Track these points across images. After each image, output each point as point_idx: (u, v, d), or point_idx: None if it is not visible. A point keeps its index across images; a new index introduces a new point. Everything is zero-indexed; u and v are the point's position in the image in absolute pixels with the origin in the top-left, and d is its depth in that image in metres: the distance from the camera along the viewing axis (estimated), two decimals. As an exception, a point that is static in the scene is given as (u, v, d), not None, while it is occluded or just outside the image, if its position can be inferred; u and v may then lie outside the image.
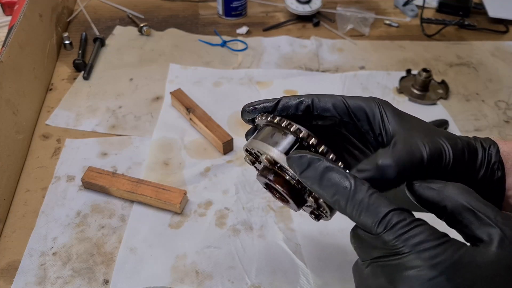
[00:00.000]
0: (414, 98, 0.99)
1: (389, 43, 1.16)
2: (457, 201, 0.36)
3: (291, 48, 1.12)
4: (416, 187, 0.38)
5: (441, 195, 0.37)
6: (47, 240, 0.70)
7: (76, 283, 0.65)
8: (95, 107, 0.94)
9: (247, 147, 0.45)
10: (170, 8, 1.26)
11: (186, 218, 0.74)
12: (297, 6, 1.20)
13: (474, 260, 0.32)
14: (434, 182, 0.38)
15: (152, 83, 1.00)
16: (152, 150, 0.85)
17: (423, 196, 0.38)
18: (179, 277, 0.67)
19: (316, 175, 0.37)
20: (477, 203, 0.35)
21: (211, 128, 0.85)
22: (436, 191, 0.37)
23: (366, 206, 0.34)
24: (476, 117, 0.96)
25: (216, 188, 0.79)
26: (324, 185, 0.37)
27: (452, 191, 0.36)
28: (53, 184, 0.78)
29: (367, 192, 0.35)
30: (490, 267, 0.32)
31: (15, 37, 0.85)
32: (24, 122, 0.84)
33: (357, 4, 1.29)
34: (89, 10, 1.21)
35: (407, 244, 0.33)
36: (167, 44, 1.12)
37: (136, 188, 0.74)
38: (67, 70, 1.03)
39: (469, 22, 1.23)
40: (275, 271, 0.67)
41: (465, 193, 0.36)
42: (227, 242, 0.71)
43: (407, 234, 0.33)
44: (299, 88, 1.00)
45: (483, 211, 0.35)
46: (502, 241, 0.33)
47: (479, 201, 0.35)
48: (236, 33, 1.17)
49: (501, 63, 1.11)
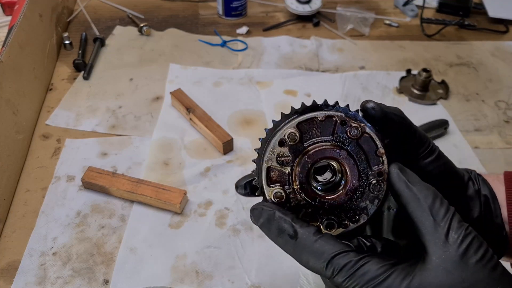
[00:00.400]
0: (414, 98, 0.99)
1: (389, 43, 1.16)
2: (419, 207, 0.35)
3: (291, 48, 1.12)
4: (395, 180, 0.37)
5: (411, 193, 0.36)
6: (47, 240, 0.70)
7: (76, 283, 0.65)
8: (95, 107, 0.94)
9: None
10: (170, 8, 1.26)
11: (186, 218, 0.74)
12: (297, 6, 1.19)
13: (421, 285, 0.33)
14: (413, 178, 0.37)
15: (152, 83, 1.00)
16: (152, 150, 0.85)
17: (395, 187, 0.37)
18: (179, 277, 0.67)
19: (267, 223, 0.37)
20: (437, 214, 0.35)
21: (211, 128, 0.85)
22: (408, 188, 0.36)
23: (313, 252, 0.35)
24: (476, 117, 0.96)
25: (216, 188, 0.79)
26: (272, 234, 0.37)
27: (420, 193, 0.36)
28: (53, 184, 0.78)
29: (313, 237, 0.36)
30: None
31: (15, 37, 0.85)
32: (24, 122, 0.84)
33: (357, 4, 1.29)
34: (89, 10, 1.21)
35: (358, 283, 0.34)
36: (167, 44, 1.12)
37: (136, 188, 0.74)
38: (67, 70, 1.03)
39: (469, 22, 1.23)
40: (275, 271, 0.67)
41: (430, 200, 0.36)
42: (227, 242, 0.71)
43: (356, 274, 0.34)
44: (299, 88, 1.00)
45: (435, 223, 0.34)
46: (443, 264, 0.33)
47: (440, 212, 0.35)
48: (236, 33, 1.17)
49: (501, 63, 1.11)
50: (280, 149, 0.37)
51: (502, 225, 0.42)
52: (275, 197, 0.38)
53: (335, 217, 0.38)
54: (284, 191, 0.38)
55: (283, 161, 0.38)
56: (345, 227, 0.38)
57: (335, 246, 0.35)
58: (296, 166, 0.37)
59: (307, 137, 0.38)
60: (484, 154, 0.88)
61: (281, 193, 0.37)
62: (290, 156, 0.37)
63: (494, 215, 0.42)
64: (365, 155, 0.38)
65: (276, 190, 0.38)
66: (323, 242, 0.35)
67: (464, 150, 0.88)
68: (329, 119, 0.37)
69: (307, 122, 0.37)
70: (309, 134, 0.38)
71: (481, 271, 0.33)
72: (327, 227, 0.37)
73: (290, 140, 0.37)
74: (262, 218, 0.37)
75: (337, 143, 0.37)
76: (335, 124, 0.37)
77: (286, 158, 0.38)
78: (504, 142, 0.90)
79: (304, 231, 0.36)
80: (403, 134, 0.40)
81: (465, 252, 0.33)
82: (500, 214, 0.42)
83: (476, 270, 0.33)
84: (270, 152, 0.37)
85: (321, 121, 0.37)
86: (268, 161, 0.38)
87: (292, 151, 0.37)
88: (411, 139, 0.40)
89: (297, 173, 0.37)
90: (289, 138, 0.37)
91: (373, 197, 0.38)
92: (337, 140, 0.37)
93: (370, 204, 0.38)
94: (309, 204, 0.38)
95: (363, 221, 0.38)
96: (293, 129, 0.37)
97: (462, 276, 0.33)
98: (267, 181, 0.38)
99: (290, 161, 0.38)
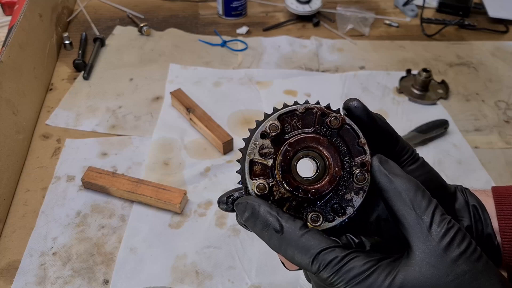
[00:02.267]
0: (414, 98, 0.99)
1: (389, 43, 1.16)
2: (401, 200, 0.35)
3: (291, 48, 1.12)
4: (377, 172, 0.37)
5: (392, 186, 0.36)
6: (47, 240, 0.70)
7: (76, 283, 0.65)
8: (95, 107, 0.94)
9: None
10: (170, 8, 1.26)
11: (186, 218, 0.74)
12: (297, 6, 1.19)
13: (406, 280, 0.33)
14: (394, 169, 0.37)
15: (152, 83, 1.00)
16: (152, 150, 0.85)
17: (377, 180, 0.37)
18: (179, 277, 0.67)
19: (252, 218, 0.37)
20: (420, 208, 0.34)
21: (211, 128, 0.85)
22: (389, 179, 0.36)
23: (298, 246, 0.35)
24: (476, 117, 0.96)
25: (216, 188, 0.79)
26: (257, 228, 0.37)
27: (401, 186, 0.35)
28: (53, 184, 0.78)
29: (299, 231, 0.35)
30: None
31: (15, 37, 0.85)
32: (24, 122, 0.84)
33: (357, 4, 1.29)
34: (89, 10, 1.21)
35: (343, 279, 0.34)
36: (167, 44, 1.12)
37: (136, 188, 0.74)
38: (67, 70, 1.03)
39: (469, 22, 1.23)
40: (275, 271, 0.67)
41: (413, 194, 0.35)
42: (227, 242, 0.71)
43: (341, 270, 0.34)
44: (299, 88, 1.00)
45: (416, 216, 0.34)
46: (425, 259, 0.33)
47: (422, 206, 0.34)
48: (236, 33, 1.17)
49: (501, 63, 1.11)
50: (262, 141, 0.38)
51: (494, 235, 0.42)
52: (258, 189, 0.37)
53: (320, 210, 0.38)
54: (268, 183, 0.38)
55: (265, 153, 0.38)
56: (331, 221, 0.37)
57: (322, 241, 0.35)
58: (278, 156, 0.38)
59: (288, 129, 0.38)
60: (484, 154, 0.88)
61: (264, 184, 0.37)
62: (272, 148, 0.38)
63: (484, 224, 0.42)
64: (347, 146, 0.38)
65: (259, 182, 0.37)
66: (309, 237, 0.35)
67: (464, 150, 0.88)
68: (309, 111, 0.38)
69: (287, 114, 0.38)
70: (290, 126, 0.38)
71: (465, 263, 0.33)
72: (312, 221, 0.37)
73: (271, 131, 0.38)
74: (247, 212, 0.37)
75: (318, 133, 0.38)
76: (315, 115, 0.38)
77: (268, 150, 0.38)
78: (504, 142, 0.90)
79: (290, 226, 0.35)
80: (386, 140, 0.40)
81: (448, 245, 0.33)
82: (490, 223, 0.42)
83: (460, 262, 0.33)
84: (252, 144, 0.38)
85: (301, 113, 0.38)
86: (251, 154, 0.38)
87: (274, 143, 0.38)
88: (393, 146, 0.40)
89: (279, 162, 0.38)
90: (271, 129, 0.38)
91: (358, 189, 0.37)
92: (318, 131, 0.38)
93: (355, 196, 0.38)
94: (293, 197, 0.38)
95: (349, 213, 0.37)
96: (274, 121, 0.38)
97: (446, 270, 0.32)
98: (250, 174, 0.38)
99: (272, 153, 0.38)
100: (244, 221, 0.37)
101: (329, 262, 0.34)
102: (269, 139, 0.38)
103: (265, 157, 0.38)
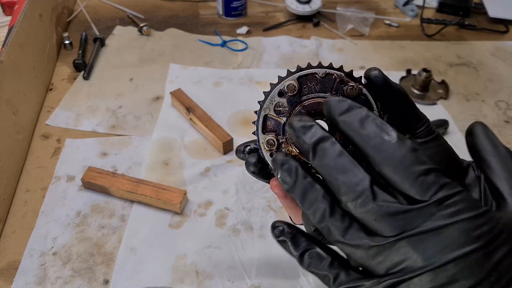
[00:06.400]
0: (414, 98, 0.98)
1: (389, 43, 1.16)
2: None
3: (291, 48, 1.12)
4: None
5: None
6: (47, 240, 0.70)
7: (76, 283, 0.65)
8: (95, 107, 0.94)
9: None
10: (170, 8, 1.26)
11: (186, 218, 0.74)
12: (297, 6, 1.20)
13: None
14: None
15: (152, 83, 1.00)
16: (152, 150, 0.85)
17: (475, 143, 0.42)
18: (179, 277, 0.67)
19: (355, 121, 0.33)
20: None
21: (211, 128, 0.85)
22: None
23: (408, 163, 0.31)
24: (476, 117, 0.96)
25: (216, 188, 0.79)
26: (363, 135, 0.33)
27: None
28: (53, 184, 0.78)
29: (411, 146, 0.32)
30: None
31: (15, 37, 0.85)
32: (24, 122, 0.84)
33: (357, 4, 1.29)
34: (89, 10, 1.21)
35: (445, 213, 0.30)
36: (167, 44, 1.12)
37: (136, 188, 0.74)
38: (67, 70, 1.03)
39: (469, 22, 1.23)
40: (275, 271, 0.67)
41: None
42: (227, 242, 0.71)
43: (447, 201, 0.31)
44: (299, 88, 1.00)
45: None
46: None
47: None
48: (236, 33, 1.17)
49: (501, 63, 1.11)
50: (279, 99, 0.39)
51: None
52: (267, 143, 0.39)
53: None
54: (277, 140, 0.39)
55: (280, 111, 0.39)
56: None
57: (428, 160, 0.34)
58: (291, 117, 0.39)
59: (305, 91, 0.39)
60: (484, 154, 0.88)
61: (273, 140, 0.39)
62: (287, 107, 0.39)
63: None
64: None
65: (269, 138, 0.39)
66: (420, 153, 0.33)
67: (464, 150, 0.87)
68: (329, 76, 0.39)
69: (307, 76, 0.39)
70: (308, 89, 0.39)
71: None
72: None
73: (289, 90, 0.39)
74: (346, 111, 0.33)
75: None
76: (334, 81, 0.39)
77: (283, 109, 0.39)
78: (504, 142, 0.90)
79: (401, 138, 0.33)
80: (403, 110, 0.40)
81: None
82: None
83: None
84: (269, 101, 0.39)
85: (321, 77, 0.39)
86: (266, 109, 0.40)
87: (290, 102, 0.39)
88: (411, 117, 0.40)
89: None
90: (288, 89, 0.39)
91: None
92: None
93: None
94: (299, 157, 0.39)
95: None
96: (293, 81, 0.39)
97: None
98: (262, 129, 0.40)
99: (287, 112, 0.39)
100: (341, 118, 0.34)
101: (441, 186, 0.32)
102: (286, 98, 0.39)
103: (279, 114, 0.39)
